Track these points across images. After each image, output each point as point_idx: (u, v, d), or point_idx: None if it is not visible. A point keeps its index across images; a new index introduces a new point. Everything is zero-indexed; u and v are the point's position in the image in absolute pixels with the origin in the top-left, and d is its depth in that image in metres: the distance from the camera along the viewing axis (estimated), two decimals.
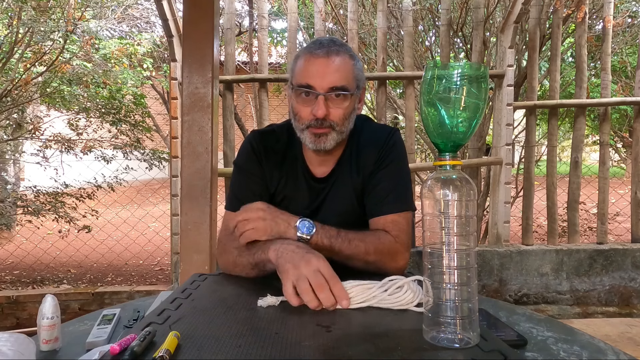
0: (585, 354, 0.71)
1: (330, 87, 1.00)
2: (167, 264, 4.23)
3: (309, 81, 1.00)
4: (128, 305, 0.99)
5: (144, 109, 4.51)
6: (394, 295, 0.76)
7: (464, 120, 0.64)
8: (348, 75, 1.02)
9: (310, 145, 1.05)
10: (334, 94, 1.01)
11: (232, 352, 0.58)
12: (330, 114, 1.01)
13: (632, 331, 1.82)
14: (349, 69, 1.03)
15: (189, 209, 1.94)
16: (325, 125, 1.02)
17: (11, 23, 3.59)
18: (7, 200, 3.80)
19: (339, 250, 0.95)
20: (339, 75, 1.00)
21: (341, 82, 1.01)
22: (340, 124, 1.03)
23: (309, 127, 1.03)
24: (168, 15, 2.73)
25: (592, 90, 4.72)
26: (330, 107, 1.01)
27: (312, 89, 1.00)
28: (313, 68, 1.01)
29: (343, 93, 1.01)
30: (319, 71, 1.00)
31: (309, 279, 0.78)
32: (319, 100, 1.00)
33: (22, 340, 0.67)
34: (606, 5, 2.97)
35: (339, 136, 1.05)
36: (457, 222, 0.61)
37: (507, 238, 2.92)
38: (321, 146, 1.04)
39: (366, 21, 4.16)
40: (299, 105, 1.04)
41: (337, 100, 1.02)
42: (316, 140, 1.03)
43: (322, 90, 1.00)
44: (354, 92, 1.04)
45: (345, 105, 1.03)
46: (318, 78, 1.00)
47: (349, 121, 1.06)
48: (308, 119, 1.02)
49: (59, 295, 2.78)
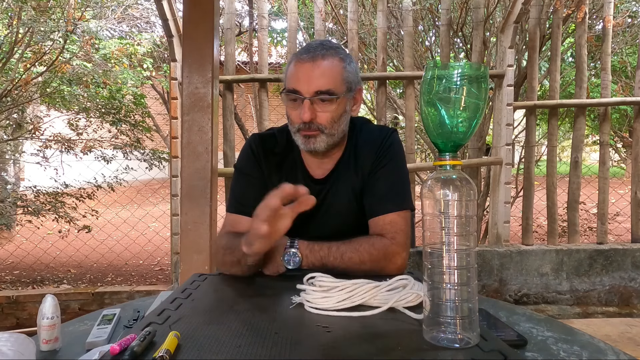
0: (585, 354, 0.71)
1: (315, 91, 1.02)
2: (167, 264, 4.23)
3: (295, 86, 1.03)
4: (128, 305, 0.99)
5: (144, 109, 4.51)
6: (395, 293, 0.76)
7: (464, 120, 0.64)
8: (335, 79, 1.04)
9: (302, 147, 1.08)
10: (319, 98, 1.02)
11: (232, 352, 0.58)
12: (317, 117, 1.04)
13: (632, 331, 1.82)
14: (337, 72, 1.04)
15: (189, 209, 1.94)
16: (313, 128, 1.04)
17: (11, 23, 3.60)
18: (7, 200, 3.79)
19: (332, 267, 0.96)
20: (324, 80, 1.02)
21: (327, 86, 1.02)
22: (329, 126, 1.05)
23: (300, 130, 1.06)
24: (168, 15, 2.73)
25: (592, 90, 4.72)
26: (317, 111, 1.04)
27: (298, 94, 1.03)
28: (299, 73, 1.04)
29: (329, 97, 1.03)
30: (305, 76, 1.03)
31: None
32: (305, 104, 1.02)
33: (22, 340, 0.67)
34: (606, 5, 2.97)
35: (329, 138, 1.06)
36: (457, 222, 0.61)
37: (507, 238, 2.92)
38: (311, 147, 1.06)
39: (366, 21, 4.16)
40: (289, 109, 1.07)
41: (323, 104, 1.04)
42: (306, 142, 1.06)
43: (307, 95, 1.02)
44: (342, 95, 1.05)
45: (332, 108, 1.04)
46: (304, 83, 1.02)
47: (340, 124, 1.07)
48: (297, 122, 1.05)
49: (59, 295, 2.78)
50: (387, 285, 0.77)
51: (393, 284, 0.78)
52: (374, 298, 0.75)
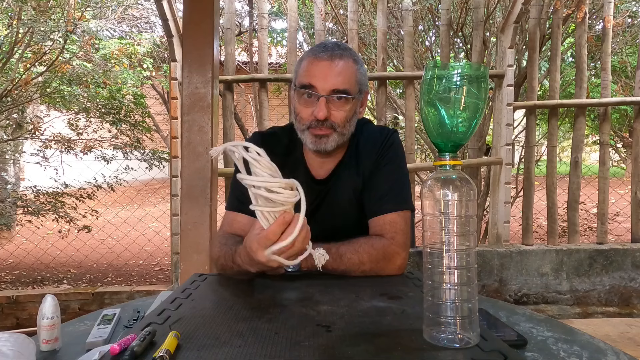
0: (585, 354, 0.71)
1: (332, 89, 1.01)
2: (167, 264, 4.23)
3: (312, 81, 1.02)
4: (128, 305, 0.99)
5: (144, 109, 4.51)
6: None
7: (464, 120, 0.64)
8: (351, 79, 1.03)
9: (311, 146, 1.06)
10: (336, 97, 1.02)
11: (232, 352, 0.58)
12: (332, 116, 1.03)
13: (632, 331, 1.82)
14: (352, 73, 1.04)
15: (189, 209, 1.94)
16: (326, 126, 1.03)
17: (11, 23, 3.60)
18: (7, 200, 3.80)
19: (332, 269, 0.96)
20: (341, 79, 1.02)
21: (343, 86, 1.02)
22: (342, 125, 1.04)
23: (310, 127, 1.04)
24: (168, 15, 2.73)
25: (592, 90, 4.72)
26: (331, 109, 1.03)
27: (313, 90, 1.02)
28: (316, 70, 1.02)
29: (345, 96, 1.02)
30: (322, 73, 1.02)
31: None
32: (321, 101, 1.01)
33: (22, 340, 0.67)
34: (606, 5, 2.97)
35: (340, 138, 1.06)
36: (457, 222, 0.61)
37: (507, 238, 2.92)
38: (322, 147, 1.05)
39: (366, 21, 4.16)
40: (301, 106, 1.05)
41: (338, 103, 1.03)
42: (317, 142, 1.05)
43: (323, 92, 1.01)
44: (355, 95, 1.05)
45: (347, 108, 1.04)
46: (320, 80, 1.01)
47: (351, 124, 1.07)
48: (309, 119, 1.04)
49: (59, 295, 2.78)
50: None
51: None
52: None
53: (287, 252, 0.77)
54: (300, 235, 0.76)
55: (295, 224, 0.75)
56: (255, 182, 0.72)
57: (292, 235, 0.75)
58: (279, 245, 0.76)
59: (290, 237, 0.75)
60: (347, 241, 1.00)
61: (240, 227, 1.09)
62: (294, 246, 0.77)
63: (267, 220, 0.76)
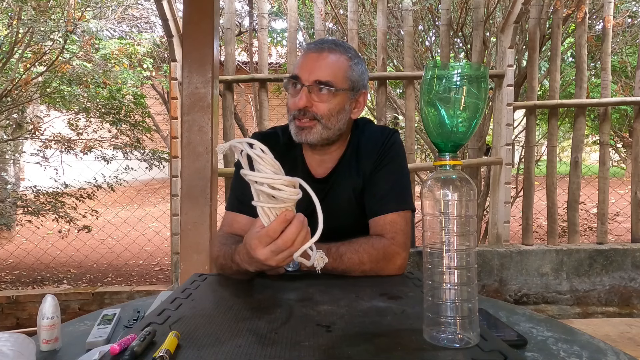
0: (585, 354, 0.71)
1: (315, 80, 1.03)
2: (167, 264, 4.23)
3: (297, 72, 1.05)
4: (128, 305, 0.99)
5: (144, 109, 4.51)
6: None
7: (464, 120, 0.64)
8: (338, 73, 1.04)
9: (295, 137, 1.07)
10: (318, 87, 1.03)
11: (232, 352, 0.58)
12: (314, 106, 1.04)
13: (632, 331, 1.82)
14: (340, 68, 1.05)
15: (189, 209, 1.94)
16: (308, 117, 1.04)
17: (11, 23, 3.60)
18: (7, 200, 3.79)
19: (332, 269, 0.96)
20: (327, 71, 1.03)
21: (327, 77, 1.03)
22: (326, 117, 1.05)
23: (295, 118, 1.06)
24: (168, 15, 2.73)
25: (592, 90, 4.72)
26: (314, 100, 1.04)
27: (298, 80, 1.04)
28: (303, 61, 1.05)
29: (328, 88, 1.03)
30: (308, 64, 1.04)
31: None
32: (302, 91, 1.03)
33: (22, 340, 0.67)
34: (606, 5, 2.97)
35: (325, 131, 1.05)
36: (457, 222, 0.61)
37: (507, 238, 2.92)
38: (304, 138, 1.06)
39: (366, 21, 4.16)
40: (289, 96, 1.08)
41: (321, 95, 1.04)
42: (299, 133, 1.06)
43: (306, 82, 1.03)
44: (342, 90, 1.05)
45: (331, 100, 1.04)
46: (305, 71, 1.04)
47: (337, 119, 1.07)
48: (293, 109, 1.05)
49: (59, 295, 2.78)
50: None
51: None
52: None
53: (287, 251, 0.77)
54: (300, 235, 0.76)
55: (299, 222, 0.75)
56: (259, 178, 0.72)
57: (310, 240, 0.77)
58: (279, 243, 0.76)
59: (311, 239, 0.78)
60: (347, 241, 1.00)
61: (240, 228, 1.09)
62: (294, 245, 0.77)
63: (268, 218, 0.76)
